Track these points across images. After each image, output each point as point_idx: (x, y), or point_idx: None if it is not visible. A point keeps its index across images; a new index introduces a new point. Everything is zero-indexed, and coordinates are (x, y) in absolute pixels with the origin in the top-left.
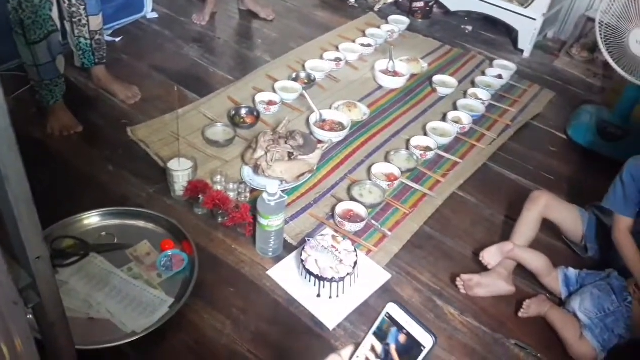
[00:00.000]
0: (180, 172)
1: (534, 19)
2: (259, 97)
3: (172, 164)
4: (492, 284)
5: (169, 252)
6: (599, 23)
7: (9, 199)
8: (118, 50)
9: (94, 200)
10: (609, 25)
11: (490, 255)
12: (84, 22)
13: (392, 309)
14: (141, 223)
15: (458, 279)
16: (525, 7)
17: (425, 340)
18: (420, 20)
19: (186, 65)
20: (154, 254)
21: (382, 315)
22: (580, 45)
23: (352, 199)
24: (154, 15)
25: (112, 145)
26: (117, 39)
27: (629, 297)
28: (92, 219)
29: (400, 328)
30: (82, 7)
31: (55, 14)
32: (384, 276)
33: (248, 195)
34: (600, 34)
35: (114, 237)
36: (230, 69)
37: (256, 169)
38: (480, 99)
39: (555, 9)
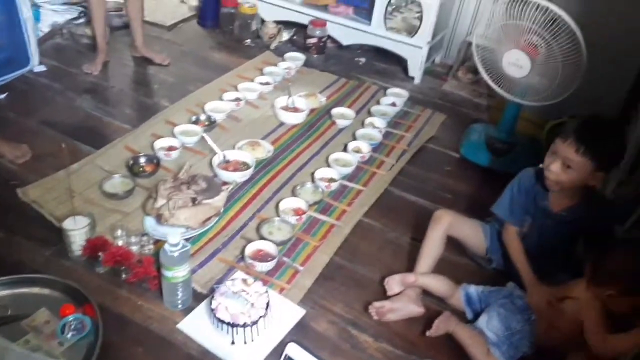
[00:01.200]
0: (77, 231)
1: (420, 47)
2: (158, 144)
3: (68, 223)
4: (402, 308)
5: (70, 318)
6: (476, 46)
7: None
8: (3, 107)
9: None
10: (485, 48)
11: (395, 283)
12: None
13: (292, 350)
14: (36, 289)
15: (370, 306)
16: (412, 37)
17: None
18: (315, 56)
19: (79, 118)
20: (54, 322)
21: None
22: (465, 68)
23: (262, 237)
24: (42, 68)
25: (1, 209)
26: (2, 96)
27: (532, 316)
28: None
29: None
30: None
31: None
32: (298, 312)
33: (152, 247)
34: (478, 57)
35: (7, 309)
36: (126, 118)
37: (159, 218)
38: (377, 127)
39: (439, 36)
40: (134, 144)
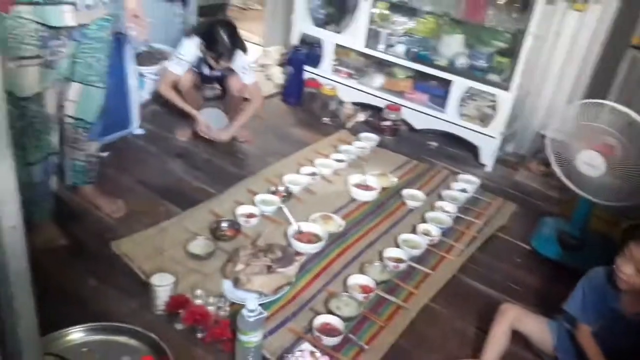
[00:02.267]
0: (162, 288)
1: (493, 137)
2: (240, 210)
3: (155, 279)
4: None
5: None
6: (550, 140)
7: (18, 338)
8: (105, 164)
9: (76, 316)
10: (559, 143)
11: None
12: (83, 147)
13: None
14: (123, 338)
15: None
16: (485, 126)
17: None
18: (388, 137)
19: (170, 180)
20: None
21: None
22: (537, 159)
23: (330, 311)
24: (141, 131)
25: (95, 259)
26: (105, 154)
27: None
28: (74, 335)
29: None
30: (84, 134)
31: (56, 138)
32: None
33: (228, 309)
34: (552, 151)
35: (95, 354)
36: (212, 183)
37: (236, 282)
38: (447, 212)
39: (512, 127)
40: (218, 208)
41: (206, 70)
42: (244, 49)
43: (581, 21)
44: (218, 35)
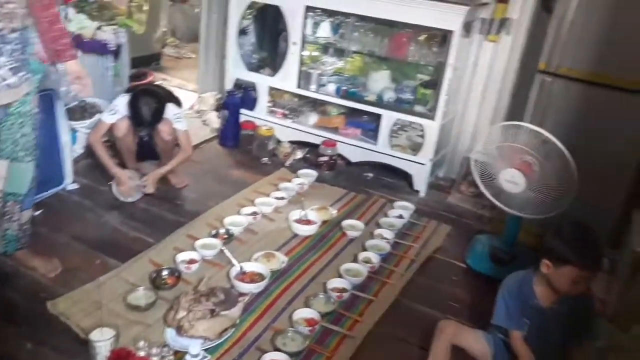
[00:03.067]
0: (103, 342)
1: (424, 164)
2: (180, 257)
3: (94, 335)
4: None
5: None
6: (474, 162)
7: None
8: (37, 223)
9: None
10: (483, 164)
11: None
12: (15, 218)
13: None
14: None
15: None
16: (415, 155)
17: None
18: (326, 172)
19: (107, 233)
20: None
21: None
22: (467, 182)
23: (276, 349)
24: (74, 186)
25: (31, 321)
26: (36, 213)
27: None
28: None
29: None
30: (17, 206)
31: None
32: None
33: (172, 357)
34: (477, 172)
35: None
36: (150, 232)
37: (179, 329)
38: (386, 238)
39: (441, 153)
40: (157, 257)
41: None
42: (178, 103)
43: (495, 51)
44: (139, 109)
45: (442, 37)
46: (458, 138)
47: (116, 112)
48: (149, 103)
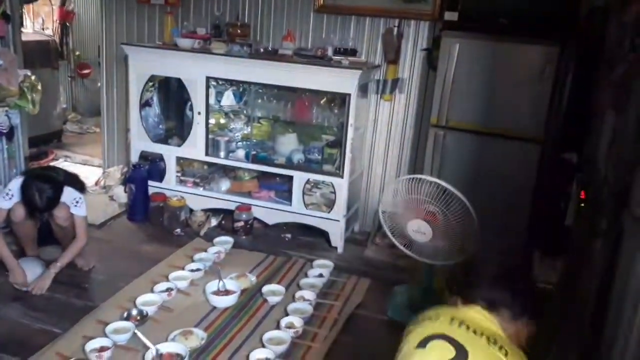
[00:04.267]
0: None
1: (338, 220)
2: (90, 345)
3: None
4: None
5: None
6: (382, 213)
7: None
8: None
9: None
10: (392, 215)
11: None
12: None
13: None
14: None
15: None
16: (329, 212)
17: None
18: (243, 237)
19: (6, 328)
20: None
21: None
22: (381, 234)
23: None
24: None
25: None
26: None
27: None
28: None
29: None
30: None
31: None
32: None
33: None
34: (387, 224)
35: None
36: (56, 322)
37: None
38: (308, 300)
39: (353, 208)
40: (65, 349)
41: None
42: (79, 186)
43: (391, 109)
44: (32, 196)
45: (341, 100)
46: (368, 192)
47: (12, 196)
48: (42, 189)
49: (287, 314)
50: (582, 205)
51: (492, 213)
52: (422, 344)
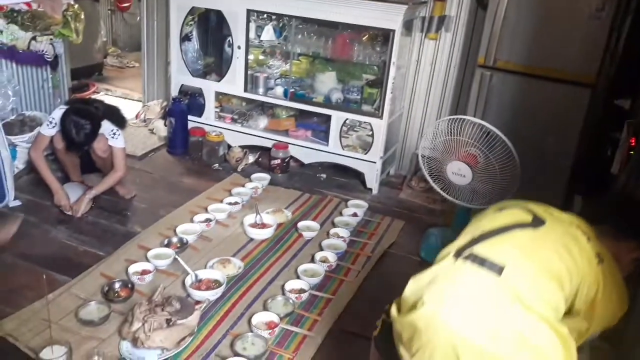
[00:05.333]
0: None
1: (374, 162)
2: (132, 268)
3: (45, 353)
4: None
5: None
6: (422, 157)
7: None
8: None
9: None
10: (431, 159)
11: None
12: None
13: None
14: None
15: None
16: (366, 154)
17: None
18: (280, 175)
19: (55, 249)
20: None
21: None
22: (417, 177)
23: (236, 354)
24: (17, 202)
25: None
26: None
27: None
28: None
29: None
30: None
31: None
32: None
33: None
34: (425, 167)
35: None
36: (101, 245)
37: (135, 342)
38: (342, 237)
39: (390, 151)
40: (108, 270)
41: None
42: (119, 120)
43: (436, 48)
44: (69, 131)
45: (384, 37)
46: (406, 135)
47: (55, 124)
48: (80, 125)
49: (321, 249)
50: (632, 152)
51: (534, 157)
52: (499, 209)
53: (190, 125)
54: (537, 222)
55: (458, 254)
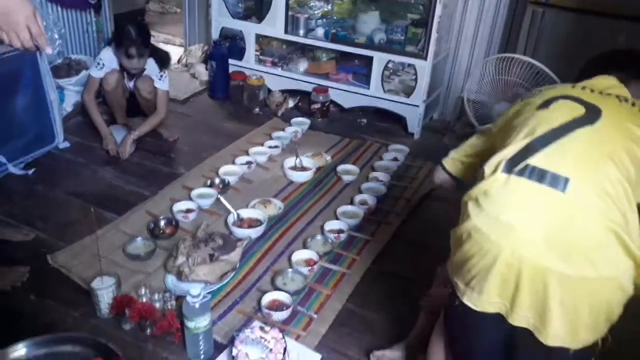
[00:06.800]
0: (104, 290)
1: (417, 106)
2: (177, 207)
3: (95, 283)
4: (401, 358)
5: None
6: (467, 101)
7: None
8: (31, 182)
9: (19, 333)
10: (477, 103)
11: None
12: None
13: None
14: (68, 347)
15: (371, 355)
16: (408, 97)
17: None
18: (320, 120)
19: (102, 188)
20: None
21: None
22: (461, 122)
23: (277, 288)
24: (66, 144)
25: (32, 274)
26: (30, 172)
27: None
28: (18, 353)
29: None
30: None
31: None
32: (314, 357)
33: (174, 302)
34: (471, 111)
35: None
36: (146, 185)
37: (179, 275)
38: (381, 181)
39: (434, 94)
40: (154, 208)
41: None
42: (164, 61)
43: None
44: (126, 31)
45: None
46: (452, 78)
47: (103, 65)
48: (135, 26)
49: (360, 192)
50: None
51: None
52: (545, 105)
53: (231, 69)
54: (592, 113)
55: (509, 167)
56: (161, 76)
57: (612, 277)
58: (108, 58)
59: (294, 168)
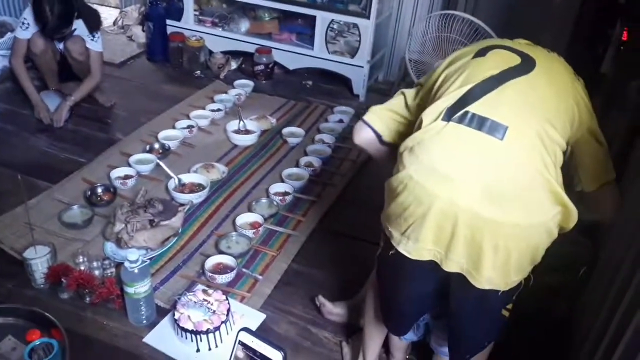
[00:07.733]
0: (38, 260)
1: (362, 67)
2: (114, 174)
3: (28, 253)
4: (342, 315)
5: (37, 342)
6: (409, 61)
7: None
8: None
9: None
10: (419, 62)
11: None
12: None
13: (243, 336)
14: (2, 320)
15: (316, 298)
16: (352, 58)
17: (276, 356)
18: (264, 81)
19: (35, 156)
20: (20, 348)
21: (235, 343)
22: (405, 83)
23: (221, 252)
24: None
25: None
26: None
27: None
28: None
29: (253, 352)
30: None
31: None
32: (258, 317)
33: (114, 270)
34: (413, 71)
35: None
36: (82, 152)
37: (118, 242)
38: (327, 143)
39: (379, 55)
40: (90, 175)
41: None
42: (94, 21)
43: None
44: (43, 11)
45: None
46: (395, 38)
47: (28, 25)
48: (52, 3)
49: (306, 155)
50: (622, 47)
51: None
52: (481, 53)
53: (169, 30)
54: (526, 62)
55: (449, 115)
56: (93, 36)
57: (541, 223)
58: (33, 17)
59: (238, 132)
